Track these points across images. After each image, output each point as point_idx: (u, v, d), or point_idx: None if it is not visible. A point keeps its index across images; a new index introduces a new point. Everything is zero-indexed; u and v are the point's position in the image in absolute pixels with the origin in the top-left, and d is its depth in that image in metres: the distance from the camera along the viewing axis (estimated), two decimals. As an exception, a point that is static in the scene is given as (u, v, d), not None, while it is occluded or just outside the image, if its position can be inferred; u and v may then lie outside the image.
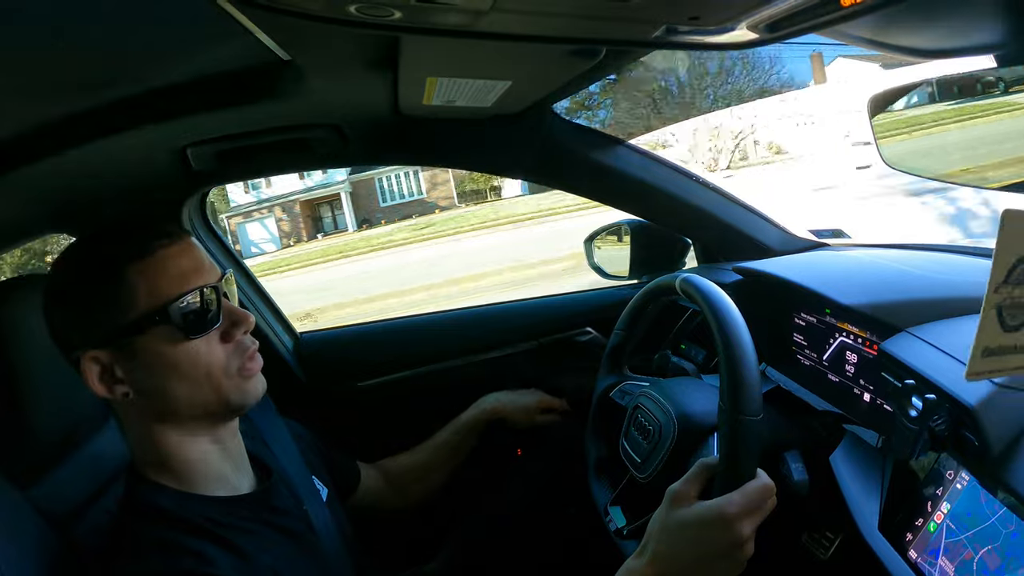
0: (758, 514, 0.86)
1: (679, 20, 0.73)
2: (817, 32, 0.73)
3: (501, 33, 0.74)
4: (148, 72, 0.95)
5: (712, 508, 0.85)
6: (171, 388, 0.85)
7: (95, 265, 0.84)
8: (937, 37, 0.76)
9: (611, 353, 1.33)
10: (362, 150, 1.40)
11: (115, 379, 0.84)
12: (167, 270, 0.85)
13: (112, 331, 0.83)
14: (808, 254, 1.55)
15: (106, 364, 0.84)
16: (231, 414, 0.93)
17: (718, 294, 1.00)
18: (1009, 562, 0.70)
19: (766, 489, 0.87)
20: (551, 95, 1.22)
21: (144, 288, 0.83)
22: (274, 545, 0.90)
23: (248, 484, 0.97)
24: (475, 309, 1.84)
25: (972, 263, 1.21)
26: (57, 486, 0.97)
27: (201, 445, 0.90)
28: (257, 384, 0.92)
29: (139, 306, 0.83)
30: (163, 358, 0.84)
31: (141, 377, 0.85)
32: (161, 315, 0.83)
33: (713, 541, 0.84)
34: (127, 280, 0.83)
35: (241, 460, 0.98)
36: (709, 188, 1.59)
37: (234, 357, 0.89)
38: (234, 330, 0.90)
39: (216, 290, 0.88)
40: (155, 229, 0.88)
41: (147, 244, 0.85)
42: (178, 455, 0.89)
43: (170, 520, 0.83)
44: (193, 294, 0.85)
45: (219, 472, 0.92)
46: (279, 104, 1.09)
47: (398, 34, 0.75)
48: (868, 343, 1.10)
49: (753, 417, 0.89)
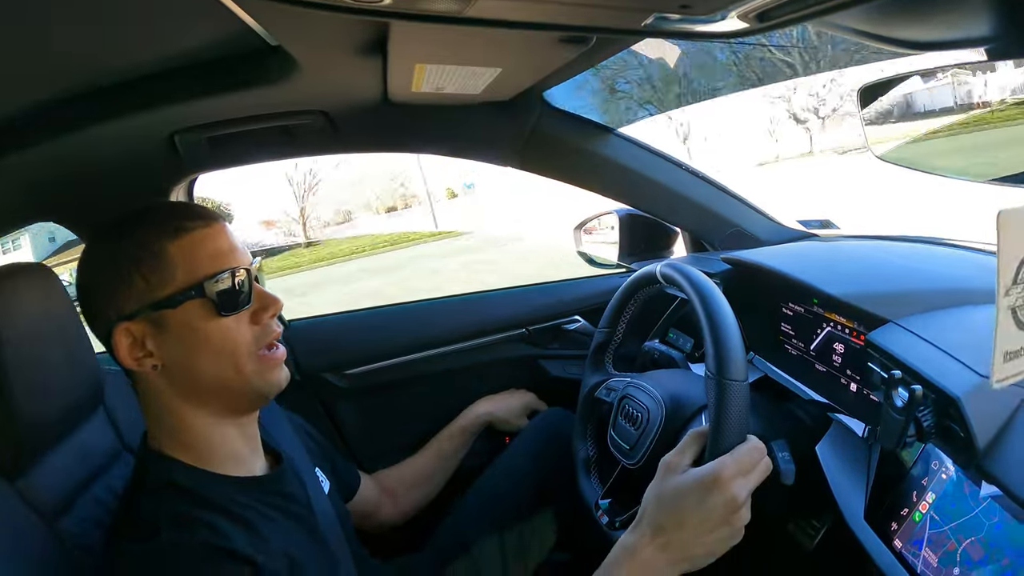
0: (752, 476, 0.87)
1: (669, 8, 0.72)
2: (807, 23, 0.73)
3: (491, 19, 0.74)
4: (136, 58, 0.94)
5: (705, 472, 0.86)
6: (199, 363, 0.87)
7: (135, 241, 0.86)
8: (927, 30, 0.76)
9: (595, 351, 1.33)
10: (351, 138, 1.40)
11: (146, 352, 0.86)
12: (204, 248, 0.88)
13: (148, 304, 0.85)
14: (796, 244, 1.55)
15: (138, 337, 0.86)
16: (254, 399, 0.94)
17: (697, 273, 1.03)
18: (992, 553, 0.71)
19: (757, 450, 0.89)
20: (541, 82, 1.22)
21: (182, 264, 0.86)
22: (285, 530, 0.91)
23: (261, 467, 0.98)
24: (465, 296, 1.83)
25: (960, 255, 1.22)
26: (45, 476, 0.96)
27: (223, 426, 0.92)
28: (281, 373, 0.94)
29: (176, 281, 0.85)
30: (196, 333, 0.86)
31: (171, 351, 0.86)
32: (197, 290, 0.85)
33: (709, 505, 0.85)
34: (166, 256, 0.85)
35: (256, 443, 0.99)
36: (699, 177, 1.59)
37: (260, 339, 0.91)
38: (263, 313, 0.92)
39: (248, 272, 0.90)
40: (193, 210, 0.91)
41: (185, 223, 0.88)
42: (198, 431, 0.90)
43: (184, 493, 0.84)
44: (227, 274, 0.87)
45: (236, 452, 0.94)
46: (267, 90, 1.08)
47: (388, 20, 0.74)
48: (855, 333, 1.10)
49: (739, 381, 0.91)
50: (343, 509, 1.16)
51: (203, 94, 1.07)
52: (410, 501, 1.45)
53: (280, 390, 0.94)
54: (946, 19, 0.71)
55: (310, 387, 1.64)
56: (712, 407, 0.91)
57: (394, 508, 1.43)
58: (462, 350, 1.72)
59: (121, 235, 0.88)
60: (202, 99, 1.08)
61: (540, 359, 1.76)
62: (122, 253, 0.86)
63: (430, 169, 33.68)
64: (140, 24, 0.81)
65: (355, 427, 1.67)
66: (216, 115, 1.20)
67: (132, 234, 0.87)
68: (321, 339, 1.69)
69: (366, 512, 1.36)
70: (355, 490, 1.32)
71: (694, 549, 0.86)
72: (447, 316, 1.76)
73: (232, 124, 1.23)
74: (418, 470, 1.49)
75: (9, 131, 1.03)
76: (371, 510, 1.37)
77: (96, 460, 1.05)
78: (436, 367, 1.71)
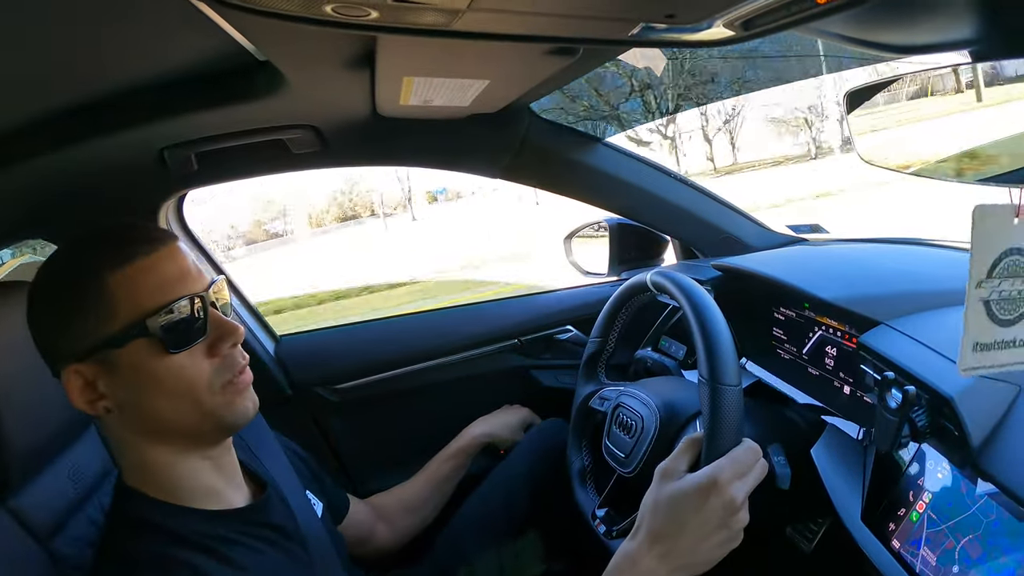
0: (749, 478, 0.87)
1: (656, 18, 0.73)
2: (792, 29, 0.73)
3: (478, 32, 0.74)
4: (123, 73, 0.94)
5: (702, 476, 0.86)
6: (154, 405, 0.80)
7: (74, 274, 0.79)
8: (911, 33, 0.77)
9: (588, 361, 1.33)
10: (341, 152, 1.39)
11: (97, 394, 0.79)
12: (148, 279, 0.78)
13: (92, 344, 0.77)
14: (786, 249, 1.56)
15: (88, 378, 0.78)
16: (220, 433, 0.87)
17: (686, 280, 1.03)
18: (990, 551, 0.71)
19: (753, 452, 0.89)
20: (529, 94, 1.22)
21: (124, 298, 0.77)
22: (270, 560, 0.86)
23: (242, 498, 0.91)
24: (455, 308, 1.83)
25: (948, 256, 1.23)
26: (37, 497, 0.95)
27: (190, 461, 0.85)
28: (247, 402, 0.86)
29: (119, 318, 0.77)
30: (144, 373, 0.78)
31: (123, 393, 0.79)
32: (141, 328, 0.77)
33: (706, 510, 0.84)
34: (106, 290, 0.77)
35: (234, 474, 0.92)
36: (688, 185, 1.60)
37: (220, 373, 0.83)
38: (221, 344, 0.83)
39: (203, 299, 0.82)
40: (137, 234, 0.82)
41: (127, 251, 0.79)
42: (166, 471, 0.83)
43: (161, 533, 0.79)
44: (177, 304, 0.79)
45: (210, 486, 0.86)
46: (256, 105, 1.08)
47: (375, 34, 0.74)
48: (847, 336, 1.11)
49: (732, 385, 0.91)
50: (337, 532, 1.13)
51: (191, 110, 1.06)
52: (406, 527, 1.40)
53: (250, 418, 0.87)
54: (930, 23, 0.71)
55: (302, 402, 1.63)
56: (706, 412, 0.91)
57: (390, 534, 1.37)
58: (454, 362, 1.71)
59: (62, 268, 0.81)
60: (190, 115, 1.08)
61: (532, 369, 1.76)
62: (64, 286, 0.79)
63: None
64: (126, 40, 0.81)
65: (348, 442, 1.66)
66: (205, 131, 1.20)
67: (74, 264, 0.80)
68: (312, 353, 1.68)
69: (360, 537, 1.30)
70: (344, 514, 1.27)
71: (694, 555, 0.85)
72: (439, 328, 1.75)
73: (221, 140, 1.23)
74: (415, 495, 1.43)
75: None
76: (365, 535, 1.32)
77: (88, 480, 1.04)
78: (429, 379, 1.70)
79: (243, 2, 0.61)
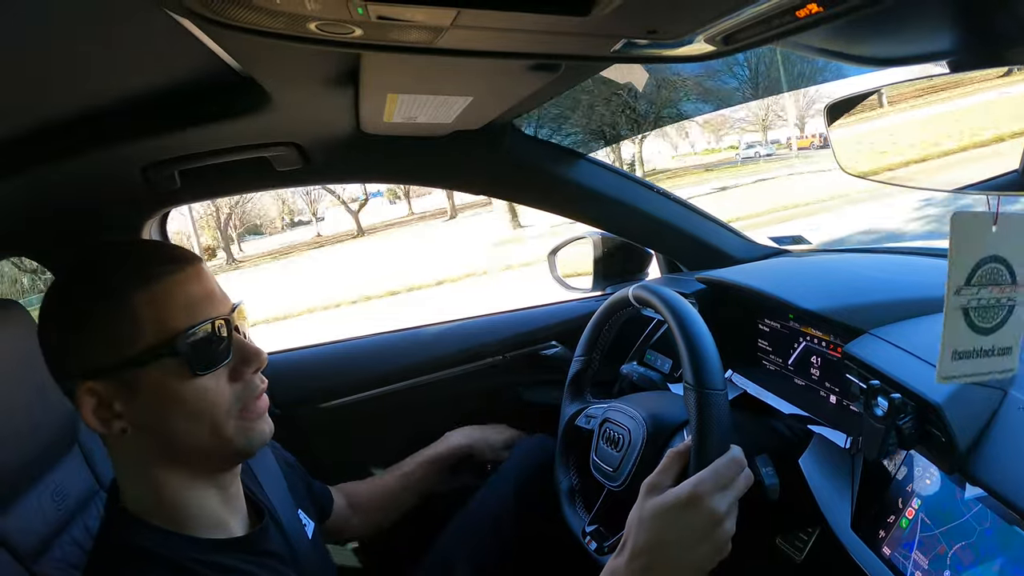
0: (732, 489, 0.87)
1: (637, 34, 0.74)
2: (772, 43, 0.75)
3: (461, 49, 0.74)
4: (105, 91, 0.93)
5: (682, 490, 0.86)
6: (172, 427, 0.78)
7: (98, 291, 0.77)
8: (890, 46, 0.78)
9: (573, 380, 1.32)
10: (324, 169, 1.39)
11: (113, 413, 0.77)
12: (175, 299, 0.78)
13: (114, 364, 0.75)
14: (769, 261, 1.57)
15: (104, 397, 0.76)
16: (235, 458, 0.86)
17: (668, 291, 1.04)
18: (983, 559, 0.71)
19: (735, 463, 0.88)
20: (512, 110, 1.23)
21: (150, 318, 0.76)
22: None
23: (241, 526, 0.90)
24: (440, 326, 1.82)
25: (930, 263, 1.24)
26: (21, 519, 0.93)
27: (200, 489, 0.84)
28: (264, 426, 0.86)
29: (144, 338, 0.76)
30: (166, 394, 0.77)
31: (141, 413, 0.77)
32: (168, 348, 0.76)
33: (690, 523, 0.84)
34: (132, 309, 0.75)
35: (238, 501, 0.91)
36: (670, 199, 1.61)
37: (240, 397, 0.83)
38: (244, 368, 0.83)
39: (228, 323, 0.81)
40: (162, 253, 0.81)
41: (154, 270, 0.78)
42: (174, 497, 0.82)
43: (154, 560, 0.77)
44: (203, 326, 0.78)
45: (214, 515, 0.85)
46: (239, 123, 1.08)
47: (359, 51, 0.74)
48: (832, 346, 1.12)
49: (716, 390, 0.92)
50: (326, 551, 1.13)
51: (174, 127, 1.06)
52: (378, 519, 1.40)
53: (266, 443, 0.86)
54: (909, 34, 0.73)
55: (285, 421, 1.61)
56: (694, 418, 0.92)
57: (364, 524, 1.38)
58: (439, 379, 1.71)
59: (83, 283, 0.79)
60: (173, 132, 1.07)
61: (518, 386, 1.76)
62: (84, 304, 0.77)
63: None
64: (108, 57, 0.80)
65: (331, 463, 1.64)
66: (188, 148, 1.19)
67: (94, 282, 0.78)
68: (295, 374, 1.67)
69: (336, 528, 1.32)
70: (329, 513, 1.29)
71: (679, 569, 0.85)
72: (423, 346, 1.74)
73: (203, 157, 1.22)
74: (386, 491, 1.43)
75: None
76: (341, 525, 1.34)
77: (72, 501, 1.03)
78: (413, 397, 1.69)
79: (227, 20, 0.61)
